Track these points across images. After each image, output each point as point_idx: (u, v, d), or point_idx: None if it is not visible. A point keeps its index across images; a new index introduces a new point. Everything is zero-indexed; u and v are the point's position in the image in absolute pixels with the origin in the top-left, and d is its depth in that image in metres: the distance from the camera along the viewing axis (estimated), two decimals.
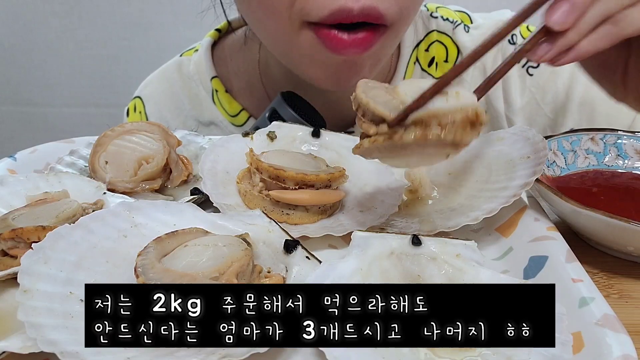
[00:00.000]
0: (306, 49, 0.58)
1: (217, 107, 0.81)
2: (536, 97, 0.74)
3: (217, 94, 0.81)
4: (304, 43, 0.58)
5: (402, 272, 0.39)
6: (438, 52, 0.77)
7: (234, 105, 0.80)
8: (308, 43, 0.57)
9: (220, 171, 0.53)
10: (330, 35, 0.55)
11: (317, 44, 0.56)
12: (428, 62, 0.76)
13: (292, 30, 0.57)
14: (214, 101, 0.81)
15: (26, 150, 0.59)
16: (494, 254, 0.46)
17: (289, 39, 0.58)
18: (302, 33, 0.57)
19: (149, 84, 0.89)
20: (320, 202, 0.49)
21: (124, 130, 0.56)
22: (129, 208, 0.42)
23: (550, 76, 0.73)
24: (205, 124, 0.82)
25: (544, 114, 0.74)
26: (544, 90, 0.74)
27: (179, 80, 0.85)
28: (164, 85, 0.86)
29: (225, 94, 0.81)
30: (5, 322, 0.36)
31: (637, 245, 0.44)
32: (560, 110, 0.74)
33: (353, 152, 0.43)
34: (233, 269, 0.36)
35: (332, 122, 0.74)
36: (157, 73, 0.89)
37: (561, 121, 0.74)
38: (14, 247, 0.41)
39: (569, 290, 0.37)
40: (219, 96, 0.81)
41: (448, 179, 0.53)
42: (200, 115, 0.83)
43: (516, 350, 0.33)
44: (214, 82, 0.81)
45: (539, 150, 0.48)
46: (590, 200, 0.48)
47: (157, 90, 0.87)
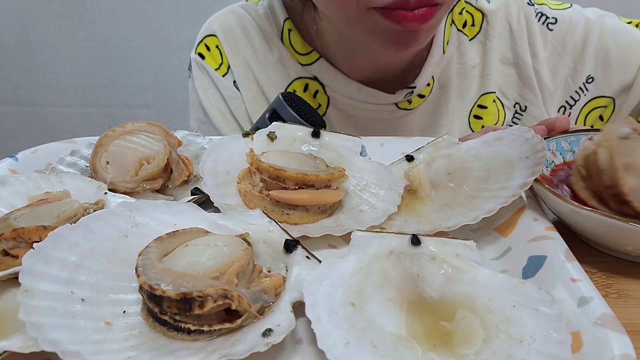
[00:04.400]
0: (372, 25, 0.65)
1: (286, 46, 0.84)
2: (557, 49, 0.83)
3: (290, 34, 0.84)
4: (370, 21, 0.65)
5: (401, 272, 0.40)
6: (467, 17, 0.86)
7: (305, 45, 0.83)
8: (375, 21, 0.64)
9: (220, 171, 0.53)
10: (395, 13, 0.62)
11: (383, 20, 0.63)
12: (462, 23, 0.85)
13: (359, 13, 0.64)
14: (283, 41, 0.85)
15: (27, 151, 0.59)
16: (493, 253, 0.46)
17: (356, 18, 0.66)
18: (368, 14, 0.64)
19: (216, 20, 0.88)
20: (320, 202, 0.49)
21: (124, 130, 0.56)
22: (129, 208, 0.42)
23: (568, 29, 0.83)
24: (272, 62, 0.85)
25: (565, 64, 0.83)
26: (564, 42, 0.83)
27: (249, 18, 0.87)
28: (234, 20, 0.87)
29: (297, 34, 0.84)
30: (7, 322, 0.36)
31: (635, 245, 0.44)
32: (579, 59, 0.83)
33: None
34: (233, 269, 0.36)
35: (380, 80, 0.81)
36: (222, 12, 0.90)
37: (580, 68, 0.83)
38: (16, 246, 0.41)
39: (568, 290, 0.37)
40: (291, 36, 0.84)
41: (447, 179, 0.54)
42: (268, 52, 0.85)
43: (516, 349, 0.33)
44: (287, 23, 0.84)
45: (538, 151, 0.48)
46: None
47: (228, 24, 0.87)
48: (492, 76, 0.84)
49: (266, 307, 0.37)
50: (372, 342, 0.34)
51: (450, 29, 0.84)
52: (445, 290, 0.39)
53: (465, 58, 0.85)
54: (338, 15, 0.69)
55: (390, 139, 0.64)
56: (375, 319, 0.36)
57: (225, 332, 0.35)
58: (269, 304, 0.37)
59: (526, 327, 0.34)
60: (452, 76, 0.84)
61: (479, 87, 0.85)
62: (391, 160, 0.58)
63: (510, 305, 0.36)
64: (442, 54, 0.83)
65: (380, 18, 0.63)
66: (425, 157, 0.56)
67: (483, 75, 0.85)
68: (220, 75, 0.86)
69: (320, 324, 0.34)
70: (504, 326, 0.35)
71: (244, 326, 0.35)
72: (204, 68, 0.87)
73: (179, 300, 0.33)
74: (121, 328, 0.35)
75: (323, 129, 0.58)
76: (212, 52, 0.87)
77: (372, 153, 0.60)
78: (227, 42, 0.86)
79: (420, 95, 0.83)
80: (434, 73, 0.83)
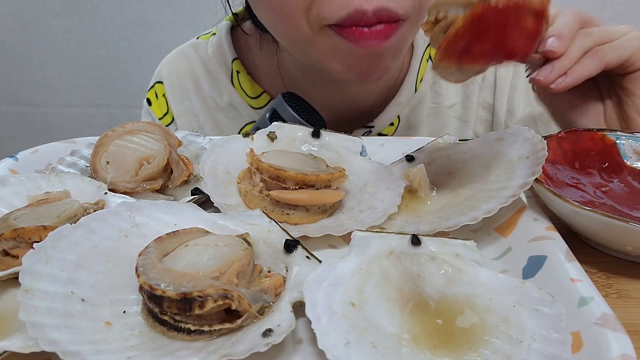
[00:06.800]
0: (327, 45, 0.60)
1: (237, 89, 0.82)
2: (534, 112, 0.78)
3: (239, 76, 0.81)
4: (324, 40, 0.59)
5: (401, 272, 0.40)
6: None
7: (255, 88, 0.81)
8: (329, 40, 0.59)
9: (220, 171, 0.53)
10: (351, 30, 0.57)
11: (338, 39, 0.58)
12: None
13: (312, 32, 0.59)
14: (233, 83, 0.82)
15: (27, 151, 0.59)
16: (493, 253, 0.46)
17: (309, 39, 0.60)
18: (322, 33, 0.59)
19: (166, 65, 0.88)
20: (320, 202, 0.49)
21: (125, 130, 0.56)
22: (130, 208, 0.42)
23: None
24: (222, 107, 0.83)
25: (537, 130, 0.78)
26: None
27: (197, 60, 0.85)
28: (183, 64, 0.86)
29: (246, 75, 0.81)
30: (7, 322, 0.36)
31: (636, 245, 0.44)
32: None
33: (433, 68, 0.45)
34: (233, 269, 0.36)
35: (345, 116, 0.76)
36: (172, 54, 0.89)
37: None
38: (16, 247, 0.41)
39: (568, 290, 0.37)
40: (240, 78, 0.81)
41: (447, 179, 0.54)
42: (218, 97, 0.83)
43: (516, 349, 0.33)
44: (235, 64, 0.81)
45: (538, 151, 0.48)
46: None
47: (176, 69, 0.86)
48: (471, 123, 0.80)
49: (266, 307, 0.37)
50: (372, 342, 0.34)
51: (427, 65, 0.79)
52: (445, 290, 0.39)
53: (441, 98, 0.79)
54: (291, 37, 0.64)
55: (390, 139, 0.64)
56: (375, 319, 0.36)
57: (225, 332, 0.35)
58: (269, 304, 0.37)
59: (526, 327, 0.34)
60: (422, 117, 0.79)
61: (457, 131, 0.81)
62: (391, 160, 0.58)
63: (511, 306, 0.36)
64: (413, 92, 0.78)
65: (336, 37, 0.58)
66: (425, 157, 0.56)
67: (462, 121, 0.80)
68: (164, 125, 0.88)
69: (320, 324, 0.34)
70: (504, 326, 0.35)
71: (244, 326, 0.35)
72: (150, 115, 0.87)
73: (179, 300, 0.33)
74: (121, 328, 0.35)
75: (323, 129, 0.58)
76: (159, 100, 0.86)
77: (372, 153, 0.60)
78: (172, 92, 0.85)
79: (382, 135, 0.78)
80: (400, 112, 0.78)
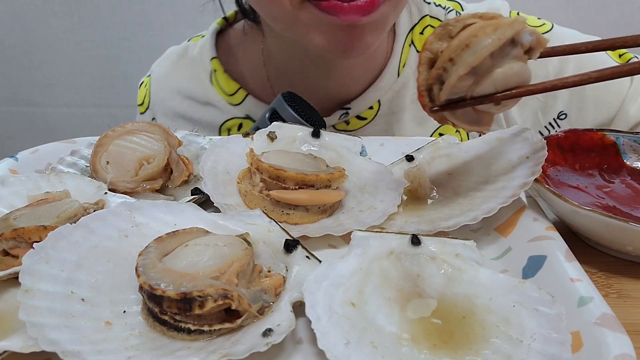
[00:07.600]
0: (309, 19, 0.61)
1: (214, 87, 0.84)
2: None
3: (216, 74, 0.84)
4: (306, 15, 0.60)
5: (401, 272, 0.40)
6: None
7: (231, 84, 0.83)
8: (310, 14, 0.60)
9: (220, 171, 0.53)
10: (331, 4, 0.58)
11: (319, 13, 0.59)
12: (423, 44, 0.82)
13: (294, 8, 0.60)
14: (212, 81, 0.84)
15: (27, 151, 0.59)
16: (493, 253, 0.46)
17: (291, 15, 0.61)
18: (303, 8, 0.60)
19: (159, 63, 0.93)
20: (320, 202, 0.49)
21: (124, 130, 0.56)
22: (129, 208, 0.42)
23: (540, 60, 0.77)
24: (202, 104, 0.85)
25: (535, 97, 0.78)
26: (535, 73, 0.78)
27: (183, 62, 0.88)
28: (168, 67, 0.90)
29: (223, 73, 0.83)
30: (7, 322, 0.36)
31: (635, 245, 0.44)
32: (550, 94, 0.77)
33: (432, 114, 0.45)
34: (233, 269, 0.36)
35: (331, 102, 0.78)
36: (165, 54, 0.94)
37: (551, 103, 0.78)
38: (16, 246, 0.41)
39: (568, 290, 0.37)
40: (217, 76, 0.84)
41: (447, 179, 0.54)
42: (197, 95, 0.86)
43: (516, 349, 0.33)
44: (213, 63, 0.84)
45: (538, 151, 0.48)
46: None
47: (162, 70, 0.91)
48: None
49: (266, 307, 0.37)
50: (372, 342, 0.34)
51: (409, 50, 0.80)
52: (445, 290, 0.39)
53: None
54: (274, 14, 0.65)
55: (390, 139, 0.64)
56: (375, 319, 0.36)
57: (225, 332, 0.35)
58: (269, 304, 0.37)
59: (526, 327, 0.34)
60: (405, 102, 0.80)
61: None
62: (391, 160, 0.58)
63: (510, 305, 0.36)
64: (395, 77, 0.79)
65: (316, 11, 0.59)
66: (425, 157, 0.56)
67: None
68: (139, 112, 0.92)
69: (320, 324, 0.34)
70: (504, 326, 0.35)
71: (244, 326, 0.36)
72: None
73: (179, 300, 0.33)
74: (121, 328, 0.35)
75: (323, 129, 0.58)
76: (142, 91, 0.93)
77: (372, 153, 0.60)
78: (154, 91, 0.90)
79: (361, 117, 0.79)
80: (382, 97, 0.79)
